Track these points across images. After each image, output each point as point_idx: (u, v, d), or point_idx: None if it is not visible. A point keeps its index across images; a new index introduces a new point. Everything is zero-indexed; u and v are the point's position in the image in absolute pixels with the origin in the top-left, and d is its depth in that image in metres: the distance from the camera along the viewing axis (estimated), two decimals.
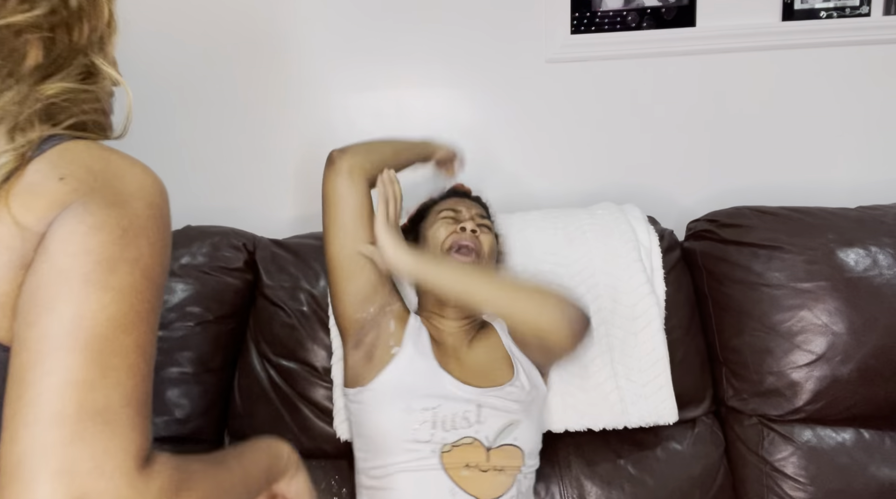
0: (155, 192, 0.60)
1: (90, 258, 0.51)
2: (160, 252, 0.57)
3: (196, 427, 1.20)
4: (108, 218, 0.53)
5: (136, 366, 0.51)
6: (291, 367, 1.22)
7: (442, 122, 1.50)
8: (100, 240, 0.52)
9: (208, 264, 1.25)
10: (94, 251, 0.52)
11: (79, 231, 0.52)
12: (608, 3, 1.43)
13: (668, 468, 1.17)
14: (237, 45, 1.46)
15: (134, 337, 0.52)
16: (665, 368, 1.18)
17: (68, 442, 0.46)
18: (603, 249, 1.24)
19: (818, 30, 1.43)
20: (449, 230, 1.12)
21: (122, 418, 0.49)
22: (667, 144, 1.50)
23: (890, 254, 1.19)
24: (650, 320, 1.19)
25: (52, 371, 0.48)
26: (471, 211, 1.16)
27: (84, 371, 0.48)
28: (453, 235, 1.11)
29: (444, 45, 1.46)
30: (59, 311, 0.49)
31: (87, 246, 0.52)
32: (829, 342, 1.17)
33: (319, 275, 1.25)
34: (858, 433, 1.19)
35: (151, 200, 0.58)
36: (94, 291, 0.50)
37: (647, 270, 1.23)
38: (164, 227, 0.59)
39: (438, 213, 1.16)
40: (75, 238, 0.52)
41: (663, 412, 1.17)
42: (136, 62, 1.46)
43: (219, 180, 1.52)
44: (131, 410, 0.50)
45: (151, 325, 0.55)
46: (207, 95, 1.48)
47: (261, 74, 1.47)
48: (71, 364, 0.48)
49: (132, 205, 0.56)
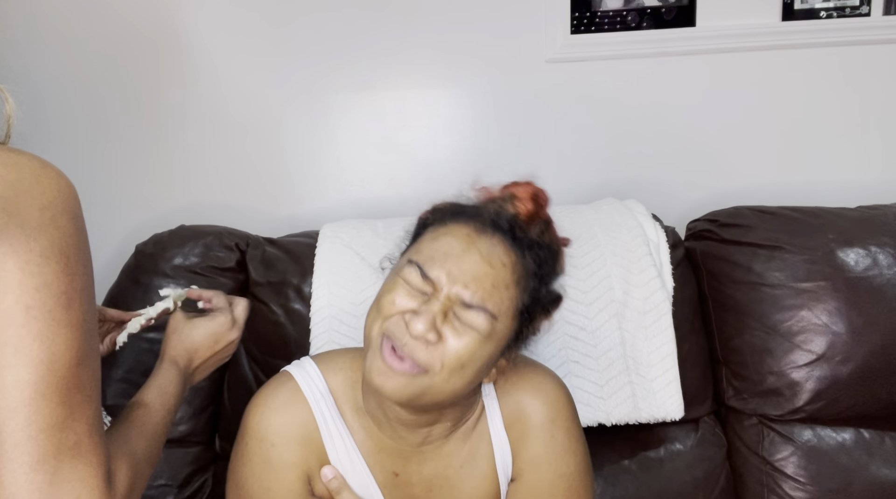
0: (71, 197, 0.57)
1: (50, 292, 0.52)
2: (90, 269, 0.57)
3: (188, 430, 1.19)
4: (51, 243, 0.53)
5: (94, 393, 0.55)
6: (277, 365, 1.19)
7: (442, 122, 1.50)
8: (53, 270, 0.52)
9: (200, 265, 1.24)
10: (52, 284, 0.52)
11: (32, 260, 0.51)
12: (608, 3, 1.43)
13: (672, 469, 1.17)
14: (235, 45, 1.46)
15: (89, 367, 0.55)
16: (673, 364, 1.18)
17: (49, 481, 0.51)
18: (612, 243, 1.23)
19: (818, 30, 1.42)
20: (395, 305, 0.71)
21: (90, 446, 0.54)
22: (666, 144, 1.50)
23: (890, 254, 1.19)
24: (661, 315, 1.19)
25: (31, 421, 0.51)
26: (462, 275, 0.69)
27: (57, 413, 0.52)
28: (394, 318, 0.70)
29: (444, 45, 1.46)
30: (33, 352, 0.51)
31: (45, 278, 0.52)
32: (829, 342, 1.16)
33: (307, 271, 1.23)
34: (858, 433, 1.18)
35: (73, 210, 0.57)
36: (59, 329, 0.52)
37: (656, 265, 1.23)
38: (85, 240, 0.58)
39: (407, 262, 0.73)
40: (31, 268, 0.51)
41: (671, 408, 1.16)
42: (135, 57, 1.47)
43: (219, 180, 1.52)
44: (95, 435, 0.54)
45: (97, 347, 0.57)
46: (205, 95, 1.48)
47: (258, 73, 1.47)
48: (46, 411, 0.51)
49: (60, 223, 0.54)
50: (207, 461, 1.22)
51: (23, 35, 1.44)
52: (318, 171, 1.52)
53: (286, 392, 0.79)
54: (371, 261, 1.21)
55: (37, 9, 1.43)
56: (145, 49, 1.45)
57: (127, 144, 1.50)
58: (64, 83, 1.46)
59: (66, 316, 0.52)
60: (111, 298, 1.25)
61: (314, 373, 0.81)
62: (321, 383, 0.80)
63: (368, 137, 1.50)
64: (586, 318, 1.17)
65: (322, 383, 0.80)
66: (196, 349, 0.83)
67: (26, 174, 0.55)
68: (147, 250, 1.27)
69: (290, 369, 0.84)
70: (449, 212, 0.77)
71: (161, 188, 1.52)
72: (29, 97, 1.47)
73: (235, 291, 1.25)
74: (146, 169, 1.51)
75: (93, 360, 0.56)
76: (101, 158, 1.50)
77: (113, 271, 1.33)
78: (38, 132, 1.49)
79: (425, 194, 1.51)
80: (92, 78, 1.46)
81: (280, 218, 1.51)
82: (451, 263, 0.69)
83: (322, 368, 0.82)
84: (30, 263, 0.51)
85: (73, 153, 1.50)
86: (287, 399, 0.79)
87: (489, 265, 0.69)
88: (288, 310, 1.22)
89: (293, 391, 0.79)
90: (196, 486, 1.19)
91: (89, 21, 1.44)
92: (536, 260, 0.72)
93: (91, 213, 1.56)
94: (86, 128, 1.49)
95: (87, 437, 0.53)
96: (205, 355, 0.85)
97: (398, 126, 1.50)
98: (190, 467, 1.19)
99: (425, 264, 0.70)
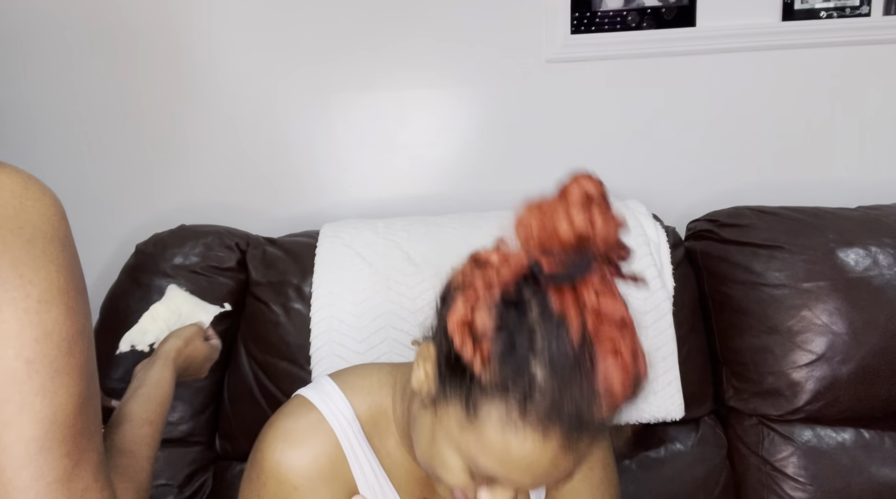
0: (57, 217, 0.53)
1: (52, 342, 0.50)
2: (86, 296, 0.55)
3: (188, 430, 1.20)
4: (49, 285, 0.50)
5: (96, 431, 0.54)
6: (277, 365, 1.20)
7: (442, 122, 1.50)
8: (54, 317, 0.50)
9: (200, 264, 1.24)
10: (52, 332, 0.50)
11: (31, 308, 0.49)
12: (608, 3, 1.43)
13: (672, 469, 1.17)
14: (236, 45, 1.46)
15: (92, 406, 0.54)
16: (674, 364, 1.18)
17: None
18: None
19: (818, 30, 1.42)
20: (456, 482, 0.61)
21: (97, 489, 0.53)
22: (667, 144, 1.50)
23: (890, 254, 1.19)
24: (661, 315, 1.19)
25: (39, 477, 0.49)
26: (533, 485, 0.58)
27: (64, 465, 0.50)
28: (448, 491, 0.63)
29: (444, 45, 1.46)
30: (35, 408, 0.49)
31: (46, 327, 0.49)
32: (829, 342, 1.16)
33: (308, 271, 1.23)
34: (858, 433, 1.18)
35: (63, 234, 0.53)
36: (61, 379, 0.50)
37: (657, 265, 1.23)
38: (78, 262, 0.54)
39: (475, 445, 0.56)
40: (30, 318, 0.48)
41: (671, 408, 1.16)
42: (135, 57, 1.47)
43: (219, 179, 1.52)
44: (101, 477, 0.53)
45: (97, 382, 0.56)
46: (206, 94, 1.48)
47: (258, 73, 1.47)
48: (52, 464, 0.50)
49: (53, 255, 0.51)
50: (208, 461, 1.22)
51: (22, 34, 1.44)
52: (318, 171, 1.52)
53: (307, 424, 0.69)
54: (371, 261, 1.21)
55: (36, 7, 1.43)
56: (146, 49, 1.45)
57: (127, 144, 1.50)
58: (64, 83, 1.46)
59: (68, 363, 0.51)
60: (111, 298, 1.25)
61: (338, 397, 0.72)
62: (346, 408, 0.71)
63: (368, 137, 1.50)
64: None
65: (348, 408, 0.71)
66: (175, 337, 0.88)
67: (7, 198, 0.50)
68: (147, 250, 1.27)
69: (307, 395, 0.73)
70: (519, 395, 0.53)
71: (161, 188, 1.52)
72: (29, 97, 1.48)
73: (236, 291, 1.26)
74: (146, 169, 1.51)
75: (93, 400, 0.54)
76: (102, 157, 1.50)
77: (113, 271, 1.33)
78: (38, 132, 1.49)
79: (425, 194, 1.52)
80: (92, 78, 1.46)
81: (280, 218, 1.51)
82: (531, 476, 0.56)
83: (346, 392, 0.72)
84: (28, 312, 0.48)
85: (73, 153, 1.50)
86: (310, 432, 0.69)
87: (574, 467, 0.57)
88: (288, 310, 1.21)
89: (316, 422, 0.69)
90: (196, 486, 1.19)
91: (89, 20, 1.44)
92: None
93: (91, 213, 1.57)
94: (86, 128, 1.49)
95: (94, 481, 0.52)
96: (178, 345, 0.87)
97: (398, 126, 1.50)
98: (190, 467, 1.19)
99: (496, 470, 0.56)
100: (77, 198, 1.50)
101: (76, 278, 0.53)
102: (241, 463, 1.21)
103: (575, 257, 0.52)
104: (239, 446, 1.21)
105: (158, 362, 0.81)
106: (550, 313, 0.52)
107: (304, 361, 1.19)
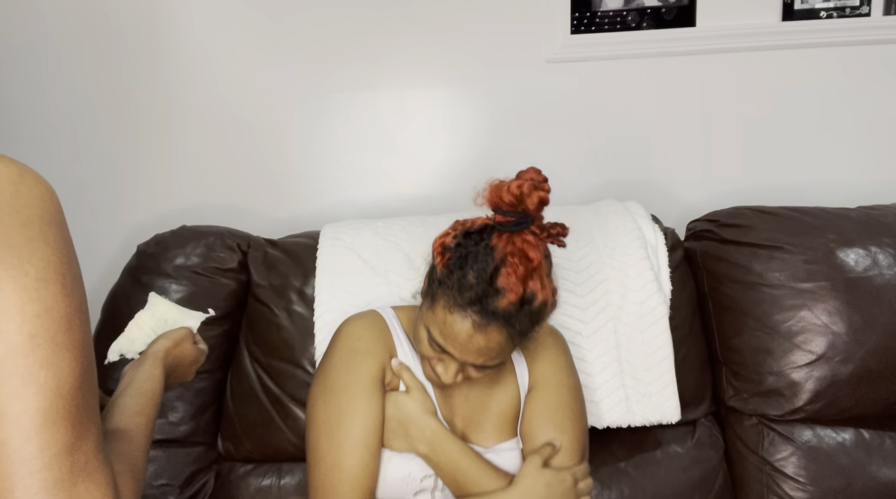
0: (52, 204, 0.55)
1: (52, 317, 0.51)
2: (81, 279, 0.56)
3: (190, 430, 1.20)
4: (45, 265, 0.52)
5: (95, 409, 0.56)
6: (280, 367, 1.21)
7: (442, 122, 1.50)
8: (52, 294, 0.52)
9: (202, 265, 1.24)
10: (52, 309, 0.51)
11: (29, 286, 0.50)
12: (608, 3, 1.43)
13: (668, 472, 1.17)
14: (236, 45, 1.46)
15: (91, 384, 0.55)
16: (670, 367, 1.18)
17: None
18: (610, 245, 1.23)
19: (818, 30, 1.43)
20: (422, 352, 0.93)
21: (97, 465, 0.54)
22: (667, 144, 1.50)
23: (890, 254, 1.19)
24: (657, 319, 1.19)
25: (44, 447, 0.51)
26: (469, 355, 0.87)
27: (68, 437, 0.52)
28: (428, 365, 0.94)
29: (444, 45, 1.46)
30: (40, 380, 0.50)
31: (45, 304, 0.51)
32: (829, 342, 1.17)
33: (309, 273, 1.23)
34: (858, 433, 1.19)
35: (58, 220, 0.55)
36: (63, 353, 0.52)
37: (654, 268, 1.23)
38: (72, 248, 0.56)
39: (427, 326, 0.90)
40: (29, 294, 0.50)
41: (667, 411, 1.17)
42: (136, 58, 1.47)
43: (219, 180, 1.52)
44: (101, 453, 0.55)
45: (94, 362, 0.57)
46: (207, 95, 1.48)
47: (259, 73, 1.47)
48: (57, 436, 0.51)
49: (49, 238, 0.53)
50: (209, 462, 1.22)
51: (21, 34, 1.44)
52: (319, 171, 1.52)
53: (371, 314, 1.04)
54: (372, 262, 1.21)
55: (34, 7, 1.43)
56: (146, 50, 1.45)
57: (128, 144, 1.50)
58: (64, 83, 1.47)
59: (68, 339, 0.52)
60: (113, 298, 1.25)
61: (390, 312, 1.05)
62: (394, 318, 1.04)
63: (368, 137, 1.50)
64: (582, 322, 1.17)
65: (395, 318, 1.04)
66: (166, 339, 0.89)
67: (4, 184, 0.52)
68: (149, 250, 1.27)
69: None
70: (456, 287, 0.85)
71: (162, 189, 1.52)
72: (29, 98, 1.48)
73: (237, 291, 1.26)
74: (147, 170, 1.51)
75: (92, 377, 0.56)
76: (103, 158, 1.50)
77: (115, 271, 1.33)
78: (38, 133, 1.49)
79: (425, 194, 1.53)
80: (92, 78, 1.46)
81: (280, 218, 1.52)
82: (459, 346, 0.87)
83: (396, 311, 1.06)
84: (28, 289, 0.50)
85: (74, 154, 1.50)
86: (371, 318, 1.03)
87: (487, 346, 0.86)
88: (290, 312, 1.22)
89: (375, 315, 1.03)
90: (198, 486, 1.19)
91: (88, 20, 1.44)
92: (528, 319, 0.86)
93: (93, 213, 1.57)
94: (86, 128, 1.49)
95: (95, 456, 0.54)
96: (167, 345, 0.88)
97: (398, 126, 1.50)
98: (192, 467, 1.19)
99: (439, 339, 0.88)
100: (79, 198, 1.50)
101: (71, 261, 0.55)
102: (244, 464, 1.21)
103: (517, 219, 0.83)
104: (241, 447, 1.21)
105: (148, 361, 0.82)
106: (488, 245, 0.84)
107: (306, 363, 1.20)
